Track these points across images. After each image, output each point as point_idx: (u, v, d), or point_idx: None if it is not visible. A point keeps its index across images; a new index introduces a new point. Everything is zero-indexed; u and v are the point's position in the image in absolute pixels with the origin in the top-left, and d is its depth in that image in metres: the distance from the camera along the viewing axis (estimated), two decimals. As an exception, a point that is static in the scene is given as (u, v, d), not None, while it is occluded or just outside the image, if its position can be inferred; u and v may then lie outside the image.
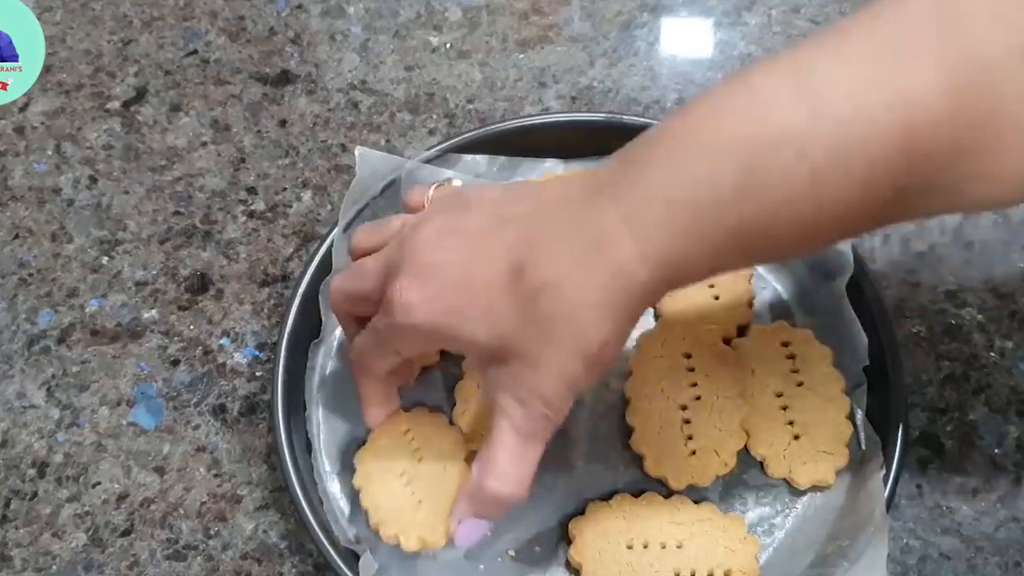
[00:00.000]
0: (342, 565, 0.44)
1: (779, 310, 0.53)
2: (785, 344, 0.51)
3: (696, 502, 0.48)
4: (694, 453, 0.48)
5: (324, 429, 0.50)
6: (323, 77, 0.63)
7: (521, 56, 0.64)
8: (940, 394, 0.53)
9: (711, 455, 0.48)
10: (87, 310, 0.56)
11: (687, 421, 0.49)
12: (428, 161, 0.54)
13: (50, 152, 0.61)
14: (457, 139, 0.55)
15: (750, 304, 0.53)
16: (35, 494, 0.51)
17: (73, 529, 0.50)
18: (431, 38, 0.65)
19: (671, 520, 0.47)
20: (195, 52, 0.64)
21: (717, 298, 0.52)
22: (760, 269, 0.54)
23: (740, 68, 0.64)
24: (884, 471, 0.46)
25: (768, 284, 0.54)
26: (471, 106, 0.62)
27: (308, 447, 0.49)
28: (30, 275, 0.57)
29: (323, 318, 0.51)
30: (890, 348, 0.49)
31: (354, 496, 0.48)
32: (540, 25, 0.65)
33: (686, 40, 0.65)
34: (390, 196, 0.54)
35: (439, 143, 0.56)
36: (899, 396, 0.48)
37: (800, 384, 0.50)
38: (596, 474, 0.49)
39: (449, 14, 0.66)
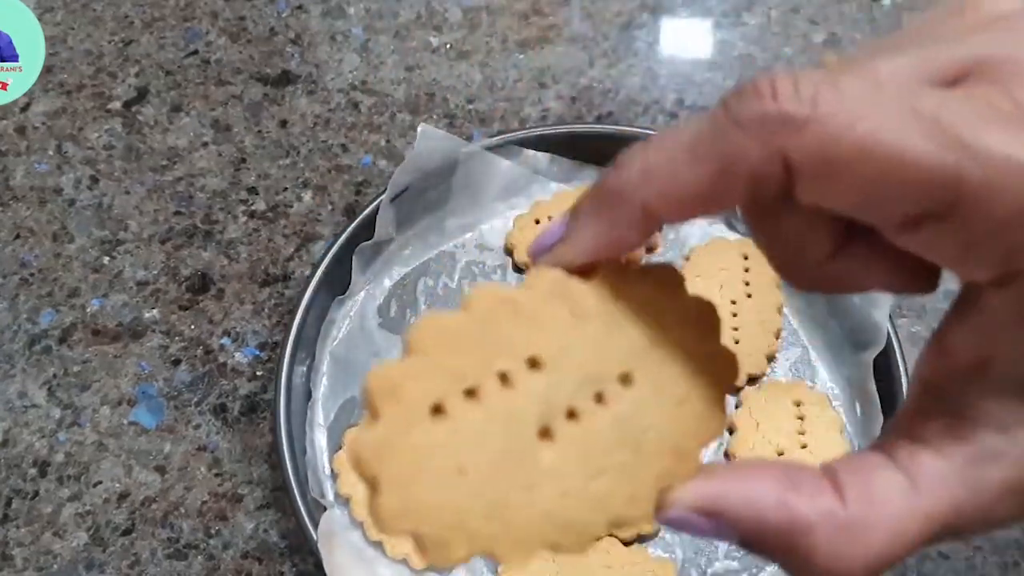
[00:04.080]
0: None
1: (802, 370, 0.52)
2: (797, 404, 0.50)
3: (627, 544, 0.47)
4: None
5: (326, 383, 0.52)
6: (323, 77, 0.63)
7: (521, 56, 0.64)
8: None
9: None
10: (88, 310, 0.56)
11: None
12: (489, 148, 0.55)
13: (51, 152, 0.61)
14: (521, 132, 0.56)
15: (769, 358, 0.52)
16: (36, 493, 0.51)
17: (74, 528, 0.50)
18: (431, 39, 0.65)
19: (601, 563, 0.46)
20: (196, 52, 0.64)
21: (737, 342, 0.52)
22: (795, 325, 0.53)
23: (740, 69, 0.64)
24: None
25: (799, 342, 0.53)
26: (471, 106, 0.62)
27: (306, 395, 0.51)
28: (31, 275, 0.57)
29: (352, 276, 0.53)
30: None
31: (333, 456, 0.50)
32: (540, 26, 0.65)
33: (686, 40, 0.65)
34: (443, 175, 0.54)
35: (497, 134, 0.57)
36: None
37: (804, 447, 0.49)
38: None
39: (449, 15, 0.66)
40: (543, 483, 0.22)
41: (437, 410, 0.21)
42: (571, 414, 0.22)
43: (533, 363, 0.22)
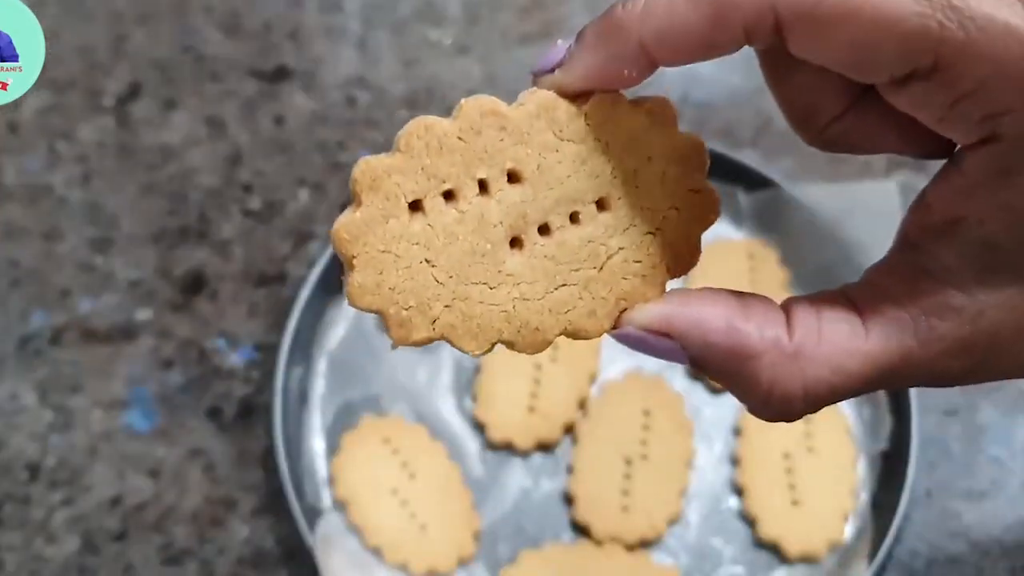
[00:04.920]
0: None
1: None
2: None
3: (630, 548, 0.47)
4: (626, 509, 0.48)
5: (323, 386, 0.52)
6: (320, 73, 0.63)
7: (522, 51, 0.63)
8: (948, 396, 0.52)
9: (642, 516, 0.48)
10: (80, 311, 0.55)
11: (627, 476, 0.49)
12: None
13: (43, 150, 0.60)
14: None
15: None
16: (28, 497, 0.50)
17: (66, 533, 0.49)
18: (430, 33, 0.64)
19: (604, 570, 0.46)
20: (190, 48, 0.64)
21: None
22: None
23: (747, 66, 0.63)
24: (869, 565, 0.45)
25: None
26: (470, 102, 0.61)
27: (302, 398, 0.51)
28: (22, 275, 0.56)
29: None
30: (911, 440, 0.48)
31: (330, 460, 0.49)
32: (541, 20, 0.64)
33: (689, 35, 0.64)
34: None
35: None
36: (902, 493, 0.47)
37: (810, 449, 0.49)
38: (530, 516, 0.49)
39: (449, 9, 0.65)
40: (506, 285, 0.24)
41: (415, 206, 0.23)
42: (544, 229, 0.24)
43: (513, 176, 0.24)
